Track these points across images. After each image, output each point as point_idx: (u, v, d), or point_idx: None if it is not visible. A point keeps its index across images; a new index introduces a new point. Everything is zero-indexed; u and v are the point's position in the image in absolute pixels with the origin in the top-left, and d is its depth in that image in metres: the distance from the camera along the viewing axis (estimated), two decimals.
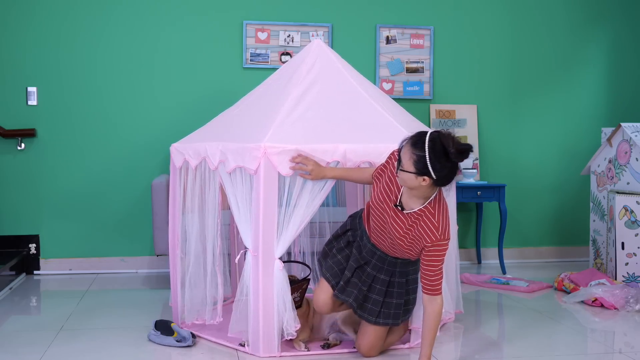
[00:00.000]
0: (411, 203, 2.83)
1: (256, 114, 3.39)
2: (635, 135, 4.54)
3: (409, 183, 2.73)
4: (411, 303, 3.10)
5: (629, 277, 4.44)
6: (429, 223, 2.79)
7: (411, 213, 2.82)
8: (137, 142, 5.06)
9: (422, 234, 2.79)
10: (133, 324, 3.66)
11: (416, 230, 2.81)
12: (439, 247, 2.79)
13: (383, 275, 3.02)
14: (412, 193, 2.80)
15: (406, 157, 2.69)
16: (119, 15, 5.02)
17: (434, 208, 2.81)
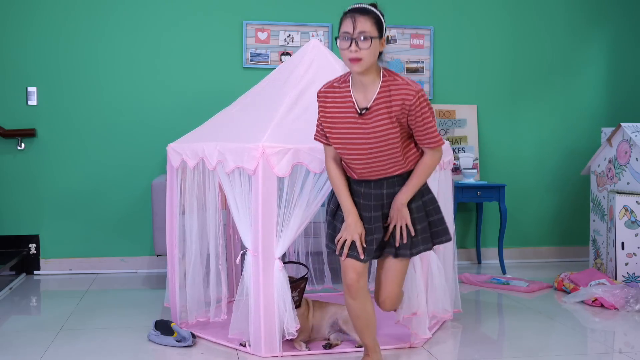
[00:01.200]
0: (368, 93, 2.66)
1: (254, 114, 3.39)
2: (635, 135, 4.54)
3: (375, 52, 2.59)
4: (438, 224, 2.82)
5: (629, 277, 4.44)
6: (397, 88, 2.62)
7: (375, 102, 2.64)
8: (137, 142, 5.06)
9: (400, 103, 2.60)
10: (133, 324, 3.66)
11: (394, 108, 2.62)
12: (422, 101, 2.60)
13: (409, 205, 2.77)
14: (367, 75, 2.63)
15: (366, 23, 2.55)
16: (119, 15, 5.02)
17: (388, 74, 2.66)
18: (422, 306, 3.20)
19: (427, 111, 2.63)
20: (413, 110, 2.61)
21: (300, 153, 3.05)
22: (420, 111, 2.62)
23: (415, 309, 3.18)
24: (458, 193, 4.99)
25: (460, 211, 5.46)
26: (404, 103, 2.60)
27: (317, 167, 3.06)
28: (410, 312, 3.17)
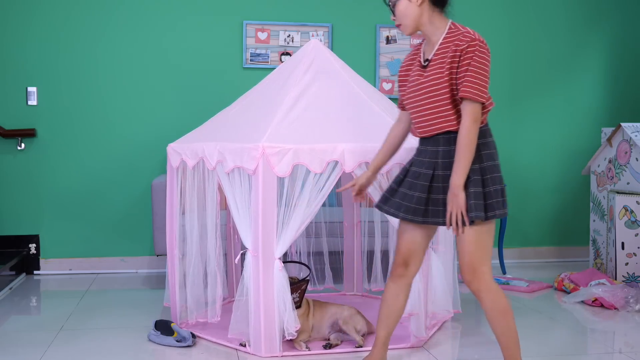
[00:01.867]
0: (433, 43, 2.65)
1: (254, 114, 3.39)
2: (635, 135, 4.54)
3: (409, 13, 2.64)
4: (493, 196, 2.58)
5: (629, 277, 4.44)
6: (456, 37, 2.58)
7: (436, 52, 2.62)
8: (137, 142, 5.06)
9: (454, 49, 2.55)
10: (133, 324, 3.66)
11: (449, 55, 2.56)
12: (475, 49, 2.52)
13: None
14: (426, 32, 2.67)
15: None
16: (119, 15, 5.02)
17: (455, 27, 2.63)
18: (421, 306, 3.20)
19: (476, 59, 2.52)
20: (463, 53, 2.53)
21: (300, 153, 3.05)
22: (469, 55, 2.52)
23: (413, 309, 3.18)
24: None
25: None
26: (456, 49, 2.55)
27: (317, 167, 3.06)
28: (406, 313, 3.17)
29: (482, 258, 2.59)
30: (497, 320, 2.62)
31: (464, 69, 2.53)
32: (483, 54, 2.53)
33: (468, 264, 2.60)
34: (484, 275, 2.59)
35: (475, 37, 2.54)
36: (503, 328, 2.62)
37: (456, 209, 2.52)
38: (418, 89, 2.67)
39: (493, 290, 2.60)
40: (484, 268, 2.59)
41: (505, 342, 2.64)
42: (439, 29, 2.65)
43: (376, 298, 4.18)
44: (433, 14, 2.65)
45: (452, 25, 2.65)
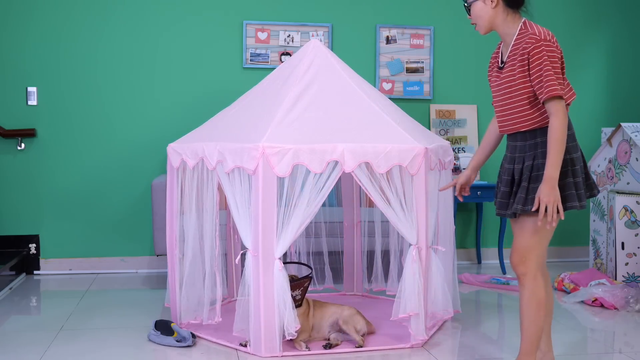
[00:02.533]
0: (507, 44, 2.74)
1: (254, 114, 3.39)
2: (635, 135, 4.54)
3: (483, 14, 2.74)
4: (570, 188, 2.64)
5: (629, 277, 4.44)
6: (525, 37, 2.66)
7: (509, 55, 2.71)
8: (137, 142, 5.06)
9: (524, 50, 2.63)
10: (133, 324, 3.66)
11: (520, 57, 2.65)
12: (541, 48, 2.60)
13: (527, 162, 2.69)
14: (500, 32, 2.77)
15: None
16: (119, 15, 5.02)
17: (525, 27, 2.72)
18: (421, 306, 3.20)
19: (546, 59, 2.59)
20: (531, 55, 2.61)
21: (300, 153, 3.05)
22: (540, 58, 2.59)
23: (413, 309, 3.18)
24: None
25: (460, 211, 5.46)
26: (524, 50, 2.63)
27: (317, 167, 3.06)
28: (406, 313, 3.18)
29: (535, 247, 2.68)
30: (530, 309, 2.68)
31: (535, 71, 2.60)
32: (551, 51, 2.61)
33: (519, 249, 2.69)
34: (532, 262, 2.68)
35: (540, 37, 2.62)
36: (532, 318, 2.69)
37: (553, 202, 2.55)
38: (496, 90, 2.79)
39: (537, 280, 2.69)
40: (533, 256, 2.68)
41: (529, 333, 2.70)
42: (512, 30, 2.75)
43: (376, 298, 4.18)
44: (507, 15, 2.75)
45: (523, 26, 2.74)
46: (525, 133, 2.72)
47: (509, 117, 2.75)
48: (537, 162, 2.66)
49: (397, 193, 3.19)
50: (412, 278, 3.17)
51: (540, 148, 2.67)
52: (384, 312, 3.68)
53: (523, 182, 2.68)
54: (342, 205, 4.38)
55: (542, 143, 2.66)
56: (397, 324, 3.36)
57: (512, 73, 2.69)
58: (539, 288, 2.69)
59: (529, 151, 2.70)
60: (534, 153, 2.69)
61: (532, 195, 2.63)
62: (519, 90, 2.68)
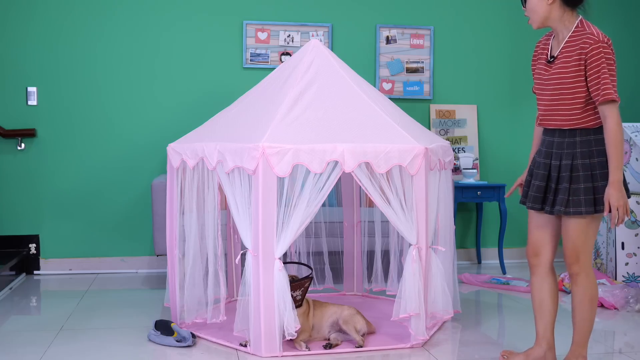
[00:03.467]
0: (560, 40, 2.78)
1: (254, 114, 3.39)
2: (635, 135, 4.54)
3: (538, 9, 2.76)
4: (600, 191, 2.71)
5: (629, 277, 4.44)
6: (581, 37, 2.70)
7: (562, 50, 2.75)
8: (137, 142, 5.06)
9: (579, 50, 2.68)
10: (133, 324, 3.66)
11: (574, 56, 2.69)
12: (600, 50, 2.64)
13: (564, 161, 2.75)
14: (553, 28, 2.80)
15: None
16: (119, 16, 5.02)
17: (582, 26, 2.76)
18: (421, 306, 3.20)
19: (604, 62, 2.63)
20: (590, 57, 2.65)
21: (300, 153, 3.05)
22: (598, 60, 2.63)
23: (412, 309, 3.18)
24: (458, 193, 4.99)
25: (460, 211, 5.46)
26: (581, 51, 2.67)
27: (317, 167, 3.06)
28: (406, 313, 3.17)
29: (585, 245, 2.78)
30: (584, 305, 2.81)
31: (594, 72, 2.65)
32: (608, 54, 2.66)
33: (572, 249, 2.79)
34: (586, 261, 2.79)
35: (599, 39, 2.66)
36: (586, 314, 2.83)
37: (623, 204, 2.65)
38: (543, 83, 2.82)
39: (590, 277, 2.81)
40: (586, 255, 2.79)
41: (582, 328, 2.85)
42: (567, 27, 2.78)
43: (376, 298, 4.18)
44: (564, 12, 2.78)
45: (580, 24, 2.78)
46: (565, 131, 2.77)
47: (554, 112, 2.78)
48: (577, 163, 2.73)
49: (397, 193, 3.19)
50: (412, 278, 3.17)
51: (579, 148, 2.73)
52: (384, 312, 3.68)
53: (563, 182, 2.74)
54: (342, 205, 4.38)
55: (580, 143, 2.73)
56: (397, 324, 3.36)
57: (565, 70, 2.72)
58: (592, 284, 2.81)
59: (567, 149, 2.76)
60: (573, 152, 2.74)
61: (575, 198, 2.71)
62: (570, 89, 2.72)
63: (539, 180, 2.84)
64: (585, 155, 2.73)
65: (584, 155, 2.72)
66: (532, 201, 2.85)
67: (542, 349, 2.98)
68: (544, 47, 2.90)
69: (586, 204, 2.71)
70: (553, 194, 2.79)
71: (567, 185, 2.73)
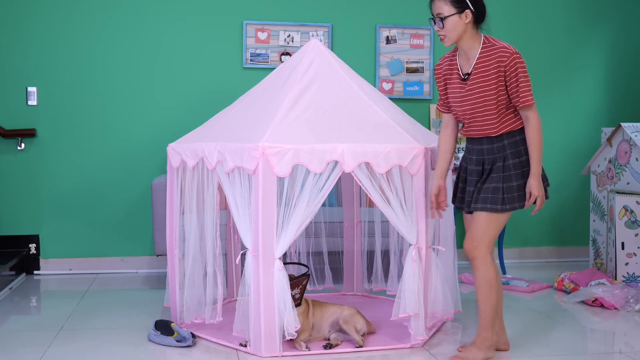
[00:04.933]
0: (470, 59, 2.98)
1: (254, 114, 3.39)
2: (635, 135, 4.54)
3: (457, 28, 2.92)
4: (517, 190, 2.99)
5: (629, 277, 4.44)
6: (493, 52, 2.92)
7: (475, 68, 2.95)
8: (137, 142, 5.06)
9: (496, 65, 2.90)
10: (133, 324, 3.66)
11: (491, 71, 2.91)
12: (517, 62, 2.89)
13: (497, 163, 2.99)
14: (463, 45, 2.97)
15: (441, 5, 2.92)
16: (119, 16, 5.02)
17: (487, 41, 2.96)
18: (421, 306, 3.20)
19: (520, 71, 2.90)
20: (508, 69, 2.89)
21: (300, 153, 3.05)
22: (515, 71, 2.89)
23: (412, 309, 3.17)
24: None
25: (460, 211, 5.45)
26: (499, 64, 2.90)
27: (317, 167, 3.06)
28: (406, 313, 3.17)
29: (486, 234, 3.00)
30: (483, 288, 3.03)
31: (513, 82, 2.91)
32: (522, 63, 2.92)
33: (472, 236, 3.02)
34: (483, 247, 3.00)
35: (513, 51, 2.90)
36: (485, 296, 3.04)
37: (542, 194, 2.95)
38: (463, 99, 3.01)
39: (488, 262, 3.02)
40: (485, 242, 3.00)
41: (484, 310, 3.05)
42: (476, 44, 2.98)
43: (376, 298, 4.18)
44: (473, 30, 2.98)
45: (486, 40, 2.99)
46: (492, 137, 3.00)
47: (479, 122, 3.00)
48: (508, 163, 2.97)
49: (397, 193, 3.19)
50: (412, 278, 3.17)
51: (509, 149, 2.97)
52: (384, 312, 3.68)
53: (494, 182, 2.97)
54: (342, 205, 4.38)
55: (509, 145, 2.98)
56: (397, 324, 3.36)
57: (486, 83, 2.93)
58: (490, 269, 3.02)
59: (498, 153, 2.99)
60: (504, 155, 2.98)
61: (508, 195, 2.95)
62: (494, 98, 2.93)
63: (471, 186, 3.07)
64: (515, 155, 2.98)
65: (514, 155, 2.98)
66: (468, 206, 3.08)
67: (496, 335, 3.15)
68: (450, 66, 3.08)
69: (519, 200, 2.96)
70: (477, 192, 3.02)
71: (500, 185, 2.96)
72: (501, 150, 2.98)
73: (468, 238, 3.05)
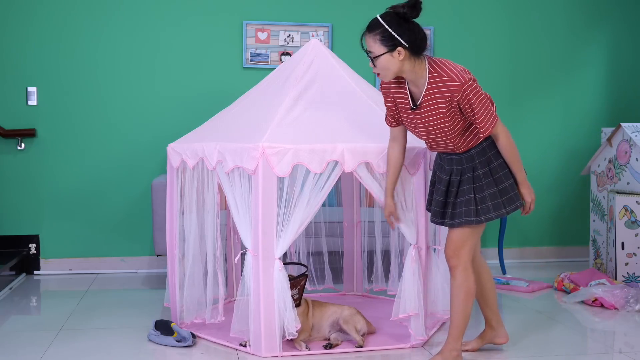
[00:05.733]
0: (419, 88, 2.81)
1: (254, 114, 3.39)
2: (635, 135, 4.55)
3: (391, 66, 2.75)
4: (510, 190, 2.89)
5: (629, 277, 4.44)
6: (442, 83, 2.74)
7: (424, 98, 2.79)
8: (137, 142, 5.06)
9: (447, 100, 2.74)
10: (133, 324, 3.66)
11: (442, 103, 2.76)
12: (470, 90, 2.71)
13: (467, 174, 2.89)
14: (407, 78, 2.82)
15: (371, 44, 2.74)
16: (119, 16, 5.02)
17: (433, 69, 2.77)
18: (421, 306, 3.20)
19: (474, 101, 2.72)
20: (461, 102, 2.74)
21: (300, 153, 3.05)
22: (468, 102, 2.73)
23: (412, 309, 3.18)
24: None
25: None
26: (450, 100, 2.74)
27: (317, 167, 3.06)
28: (406, 313, 3.17)
29: (466, 243, 2.93)
30: (459, 297, 2.96)
31: (470, 112, 2.76)
32: (474, 89, 2.73)
33: (453, 243, 2.94)
34: (464, 255, 2.93)
35: (461, 81, 2.70)
36: (460, 306, 2.97)
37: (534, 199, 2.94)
38: (415, 124, 2.90)
39: (468, 271, 2.95)
40: (465, 250, 2.93)
41: (457, 320, 2.99)
42: (421, 75, 2.79)
43: (376, 298, 4.18)
44: (414, 62, 2.78)
45: (431, 68, 2.78)
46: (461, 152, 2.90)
47: (441, 145, 2.92)
48: (478, 173, 2.88)
49: (396, 193, 3.19)
50: (411, 278, 3.17)
51: (478, 159, 2.88)
52: (384, 312, 3.68)
53: (465, 194, 2.88)
54: (342, 205, 4.38)
55: (477, 154, 2.88)
56: (397, 324, 3.36)
57: (439, 114, 2.79)
58: (469, 279, 2.95)
59: (466, 163, 2.90)
60: (473, 165, 2.89)
61: (482, 206, 2.86)
62: (449, 128, 2.82)
63: (440, 195, 2.98)
64: (484, 164, 2.88)
65: (482, 165, 2.88)
66: (433, 215, 3.03)
67: (492, 329, 3.21)
68: (399, 91, 2.91)
69: (495, 209, 2.87)
70: (452, 207, 2.93)
71: (473, 197, 2.87)
72: (469, 161, 2.89)
73: (448, 247, 2.97)
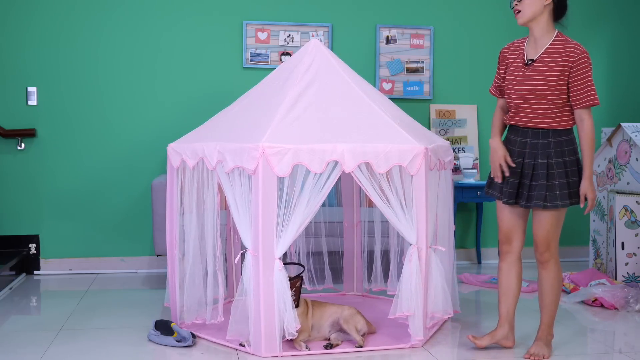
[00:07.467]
0: (538, 47, 2.99)
1: (254, 114, 3.39)
2: (635, 135, 4.55)
3: (535, 6, 2.93)
4: (574, 186, 3.03)
5: (629, 277, 4.44)
6: (564, 46, 2.94)
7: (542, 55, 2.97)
8: (137, 142, 5.06)
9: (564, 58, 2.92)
10: (133, 324, 3.66)
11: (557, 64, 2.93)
12: (586, 60, 2.93)
13: (540, 160, 3.01)
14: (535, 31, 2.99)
15: None
16: (119, 16, 5.02)
17: (561, 36, 2.99)
18: (420, 306, 3.20)
19: (589, 71, 2.94)
20: (575, 66, 2.92)
21: (300, 153, 3.05)
22: (583, 69, 2.94)
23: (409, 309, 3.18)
24: (458, 193, 4.99)
25: (460, 211, 5.46)
26: (567, 59, 2.92)
27: (317, 167, 3.06)
28: (402, 312, 3.18)
29: (555, 234, 3.13)
30: (553, 288, 3.14)
31: (580, 80, 2.94)
32: (590, 64, 2.96)
33: (544, 238, 3.11)
34: (555, 249, 3.14)
35: (583, 50, 2.95)
36: (554, 296, 3.14)
37: (596, 196, 3.10)
38: (521, 84, 3.02)
39: (558, 263, 3.16)
40: (555, 243, 3.14)
41: (551, 311, 3.15)
42: (548, 34, 3.00)
43: (376, 298, 4.18)
44: (549, 19, 2.99)
45: (559, 35, 3.01)
46: (539, 132, 3.02)
47: (529, 111, 3.02)
48: (551, 161, 3.00)
49: (397, 193, 3.19)
50: (411, 278, 3.17)
51: (553, 148, 3.00)
52: (384, 312, 3.68)
53: (539, 179, 3.00)
54: (342, 205, 4.38)
55: (554, 144, 3.00)
56: (397, 324, 3.36)
57: (549, 73, 2.94)
58: (560, 270, 3.16)
59: (541, 149, 3.01)
60: (547, 152, 3.00)
61: (551, 193, 2.98)
62: (551, 92, 2.95)
63: (512, 177, 3.08)
64: (558, 155, 3.00)
65: (557, 155, 3.00)
66: (507, 197, 3.10)
67: (504, 330, 3.23)
68: (517, 51, 3.11)
69: (561, 198, 3.01)
70: (527, 189, 3.04)
71: (544, 182, 2.99)
72: (545, 148, 3.00)
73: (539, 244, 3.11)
